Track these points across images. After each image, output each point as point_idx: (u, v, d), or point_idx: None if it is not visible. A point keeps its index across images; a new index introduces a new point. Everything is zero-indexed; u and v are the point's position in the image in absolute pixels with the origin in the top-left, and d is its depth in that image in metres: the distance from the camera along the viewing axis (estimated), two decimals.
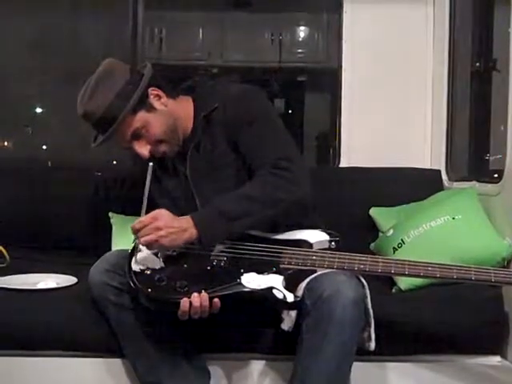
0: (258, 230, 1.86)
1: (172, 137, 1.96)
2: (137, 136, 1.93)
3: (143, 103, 1.91)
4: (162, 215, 1.75)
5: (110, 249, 2.31)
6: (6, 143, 3.90)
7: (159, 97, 1.96)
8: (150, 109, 1.93)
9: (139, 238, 1.74)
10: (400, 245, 2.28)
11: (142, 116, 1.91)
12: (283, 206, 1.80)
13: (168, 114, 1.95)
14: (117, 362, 2.00)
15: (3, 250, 2.39)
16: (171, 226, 1.74)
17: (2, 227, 2.50)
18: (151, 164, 1.85)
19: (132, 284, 1.74)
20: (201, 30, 4.91)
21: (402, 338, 1.98)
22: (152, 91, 1.94)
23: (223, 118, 1.94)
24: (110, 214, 2.57)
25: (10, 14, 3.30)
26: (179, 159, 2.00)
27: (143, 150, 1.93)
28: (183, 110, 2.00)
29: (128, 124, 1.90)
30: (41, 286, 2.12)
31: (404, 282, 2.14)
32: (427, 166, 2.93)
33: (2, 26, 3.32)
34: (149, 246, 1.76)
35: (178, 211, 1.82)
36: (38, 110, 3.86)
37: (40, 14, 3.24)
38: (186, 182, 1.99)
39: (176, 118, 1.97)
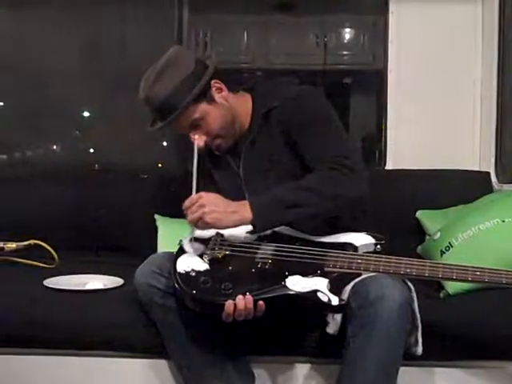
0: (312, 223, 1.85)
1: (228, 131, 1.98)
2: (195, 126, 1.95)
3: (205, 95, 1.94)
4: (207, 194, 1.78)
5: (155, 251, 2.34)
6: (54, 146, 3.97)
7: (221, 90, 1.98)
8: (211, 101, 1.95)
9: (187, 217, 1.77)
10: (448, 248, 2.24)
11: (202, 107, 1.94)
12: (340, 202, 1.79)
13: (227, 108, 1.97)
14: (162, 363, 2.01)
15: (52, 251, 2.43)
16: (215, 204, 1.75)
17: (51, 229, 2.55)
18: (196, 142, 1.91)
19: (177, 285, 1.75)
20: (245, 33, 4.92)
21: (450, 343, 1.94)
22: (215, 83, 1.97)
23: (282, 118, 1.95)
24: (156, 217, 2.60)
25: (58, 20, 3.36)
26: (232, 154, 2.02)
27: (199, 140, 1.95)
28: (242, 105, 2.02)
29: (188, 114, 1.93)
30: (88, 287, 2.16)
31: (452, 287, 2.10)
32: (476, 168, 2.88)
33: (51, 31, 3.38)
34: (196, 225, 1.77)
35: None
36: (86, 114, 3.92)
37: (88, 18, 3.29)
38: (237, 176, 2.01)
39: (234, 113, 1.99)
